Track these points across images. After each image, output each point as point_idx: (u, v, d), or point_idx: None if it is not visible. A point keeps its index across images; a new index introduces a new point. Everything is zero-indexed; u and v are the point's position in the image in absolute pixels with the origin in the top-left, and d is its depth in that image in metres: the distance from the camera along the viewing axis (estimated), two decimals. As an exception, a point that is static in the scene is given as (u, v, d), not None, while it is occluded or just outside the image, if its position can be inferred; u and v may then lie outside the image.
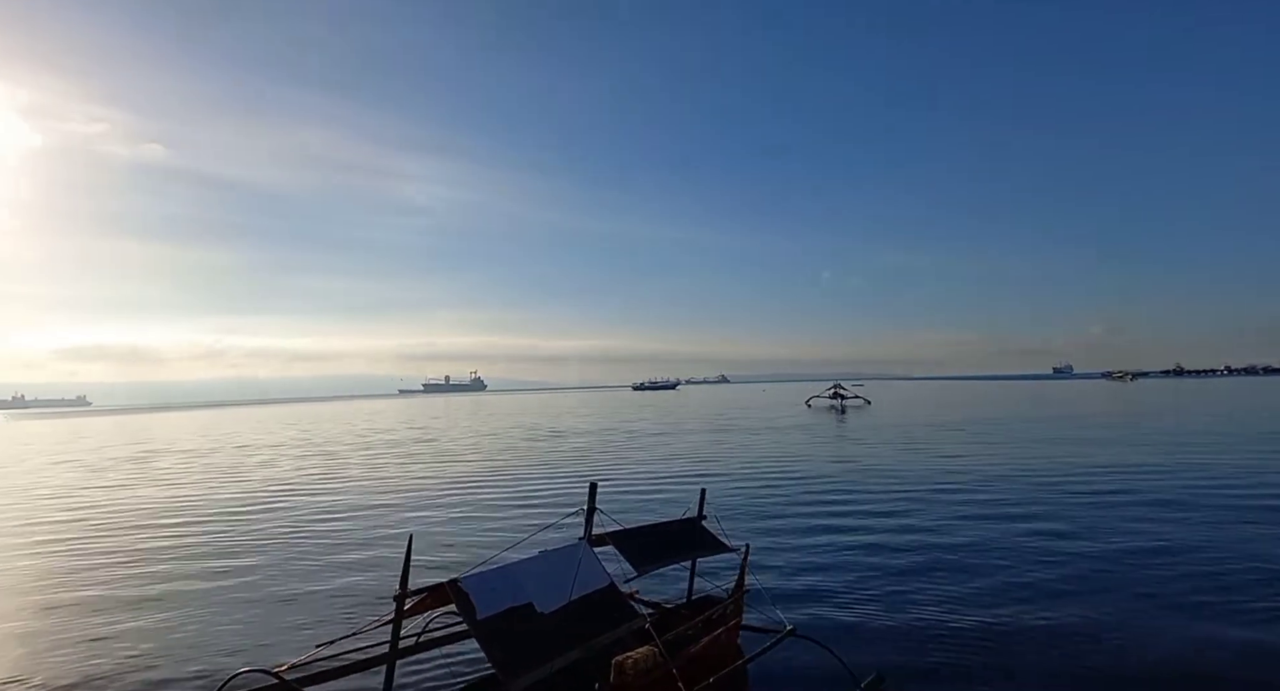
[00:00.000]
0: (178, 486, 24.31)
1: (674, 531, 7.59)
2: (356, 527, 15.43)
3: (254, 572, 11.84)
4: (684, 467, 23.78)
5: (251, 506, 19.10)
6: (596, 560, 6.33)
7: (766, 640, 6.98)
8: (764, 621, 7.71)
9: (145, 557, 13.36)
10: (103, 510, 19.58)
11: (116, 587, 11.33)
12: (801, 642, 7.02)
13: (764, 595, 8.48)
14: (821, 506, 15.73)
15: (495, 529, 14.52)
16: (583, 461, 26.86)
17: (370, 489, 21.57)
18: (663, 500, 16.95)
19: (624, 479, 21.26)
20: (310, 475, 25.92)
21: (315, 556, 12.87)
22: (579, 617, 5.67)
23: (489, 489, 20.42)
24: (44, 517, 18.72)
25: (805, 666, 7.08)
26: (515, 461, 27.85)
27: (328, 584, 10.94)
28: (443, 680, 7.09)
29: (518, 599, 5.48)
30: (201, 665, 7.87)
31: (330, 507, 18.32)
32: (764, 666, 6.95)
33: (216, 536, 15.17)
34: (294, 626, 8.99)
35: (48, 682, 7.55)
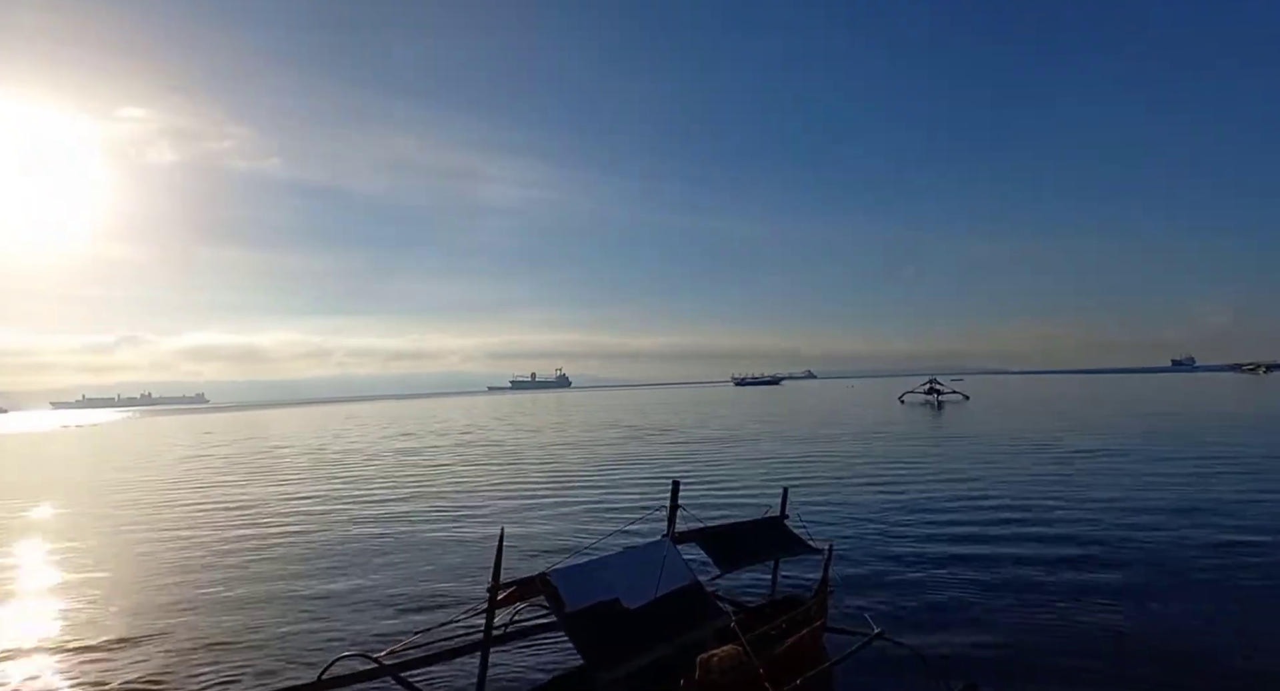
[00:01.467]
0: (293, 483, 25.78)
1: (756, 530, 7.54)
2: (452, 519, 15.99)
3: (355, 563, 12.43)
4: (769, 464, 23.49)
5: (355, 501, 20.08)
6: (680, 558, 6.34)
7: (852, 642, 6.84)
8: (850, 623, 7.55)
9: (262, 547, 14.30)
10: (214, 507, 20.96)
11: (234, 576, 12.17)
12: (889, 646, 6.84)
13: (849, 596, 8.28)
14: (912, 507, 15.24)
15: (581, 524, 14.75)
16: (668, 458, 26.91)
17: (465, 484, 22.29)
18: (745, 499, 16.79)
19: (708, 476, 21.16)
20: (411, 469, 27.01)
21: (413, 547, 13.40)
22: (664, 614, 5.71)
23: (575, 485, 20.74)
24: (174, 509, 20.27)
25: (893, 671, 6.90)
26: (598, 458, 28.19)
27: (424, 574, 11.37)
28: (532, 669, 7.27)
29: (604, 593, 5.55)
30: (305, 648, 8.33)
31: (427, 501, 19.04)
32: (850, 669, 6.81)
33: (322, 527, 16.04)
34: (392, 615, 9.38)
35: (165, 659, 8.15)
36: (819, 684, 6.23)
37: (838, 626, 7.43)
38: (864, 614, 7.46)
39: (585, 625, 5.28)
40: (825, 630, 7.34)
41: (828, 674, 6.54)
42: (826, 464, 23.09)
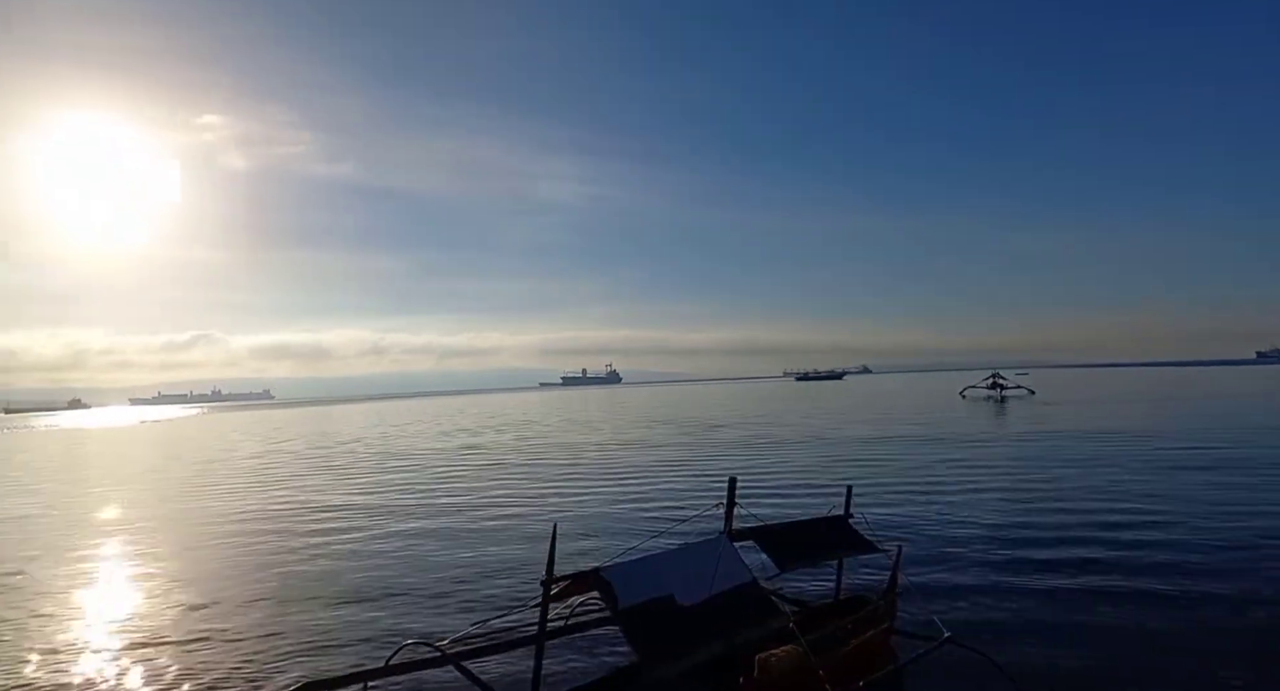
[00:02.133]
0: (359, 477, 26.48)
1: (819, 529, 7.33)
2: (509, 514, 16.15)
3: (418, 555, 12.65)
4: (830, 462, 23.07)
5: (415, 494, 20.49)
6: (737, 555, 6.23)
7: (921, 646, 6.59)
8: (917, 626, 7.27)
9: (329, 540, 14.70)
10: (285, 500, 21.61)
11: (304, 565, 12.54)
12: (959, 651, 6.54)
13: (919, 598, 7.93)
14: (982, 507, 14.68)
15: (635, 521, 14.71)
16: (724, 454, 26.71)
17: (519, 479, 22.54)
18: (805, 497, 16.47)
19: (766, 474, 20.88)
20: (468, 464, 27.46)
21: (472, 541, 13.58)
22: (720, 612, 5.61)
23: (628, 481, 20.75)
24: (248, 501, 21.00)
25: (962, 677, 6.60)
26: (651, 454, 28.15)
27: (483, 567, 11.51)
28: (587, 663, 7.28)
29: (658, 590, 5.49)
30: (371, 633, 8.54)
31: (484, 495, 19.31)
32: (918, 673, 6.56)
33: (386, 521, 16.39)
34: (453, 606, 9.52)
35: (240, 644, 8.41)
36: (885, 687, 6.02)
37: (906, 629, 7.17)
38: (934, 618, 7.14)
39: (639, 621, 5.24)
40: (893, 633, 7.09)
41: (895, 677, 6.31)
42: (890, 462, 22.51)
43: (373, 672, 6.02)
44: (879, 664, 6.24)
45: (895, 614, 7.26)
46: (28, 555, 14.44)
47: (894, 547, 7.39)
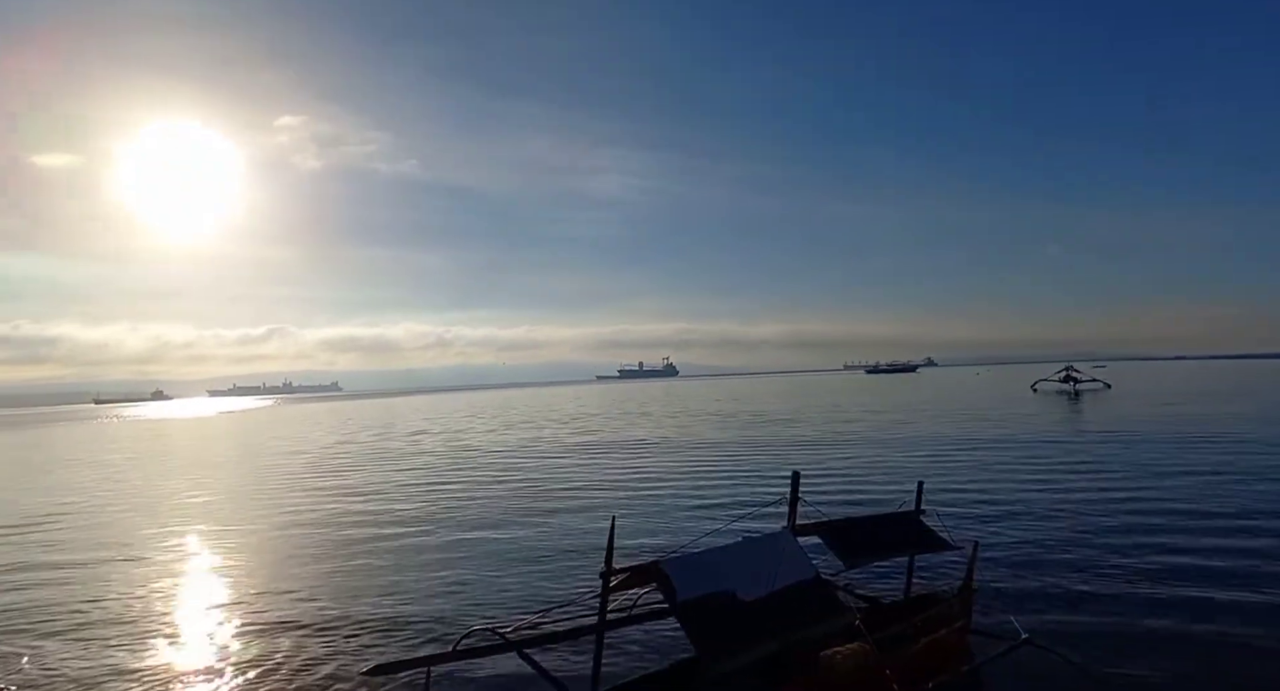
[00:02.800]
0: (427, 468, 27.14)
1: (888, 525, 7.12)
2: (571, 505, 16.30)
3: (483, 544, 12.88)
4: (899, 457, 22.47)
5: (480, 484, 20.92)
6: (801, 551, 6.13)
7: (997, 646, 6.33)
8: (993, 626, 6.97)
9: (400, 528, 15.10)
10: (358, 489, 22.27)
11: (375, 554, 12.92)
12: (1038, 654, 6.25)
13: (995, 598, 7.58)
14: (1060, 505, 14.03)
15: (695, 514, 14.64)
16: (788, 449, 26.37)
17: (579, 471, 22.74)
18: (873, 493, 16.08)
19: (831, 469, 20.47)
20: (530, 455, 27.84)
21: (535, 531, 13.75)
22: (782, 607, 5.53)
23: (688, 474, 20.69)
24: (324, 489, 21.75)
25: (1041, 680, 6.31)
26: (710, 447, 28.00)
27: (546, 557, 11.63)
28: (645, 655, 7.27)
29: (719, 584, 5.45)
30: (439, 618, 8.73)
31: (547, 486, 19.55)
32: (994, 675, 6.30)
33: (453, 510, 16.77)
34: (516, 595, 9.67)
35: (314, 629, 8.70)
36: (957, 687, 5.80)
37: (982, 629, 6.89)
38: (1011, 618, 6.82)
39: (698, 615, 5.22)
40: (968, 632, 6.83)
41: (969, 678, 6.09)
42: (963, 457, 21.74)
43: (440, 657, 6.20)
44: (951, 664, 6.03)
45: (971, 613, 6.99)
46: (128, 540, 15.27)
47: (968, 545, 7.09)
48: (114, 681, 7.43)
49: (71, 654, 8.29)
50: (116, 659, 8.04)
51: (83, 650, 8.38)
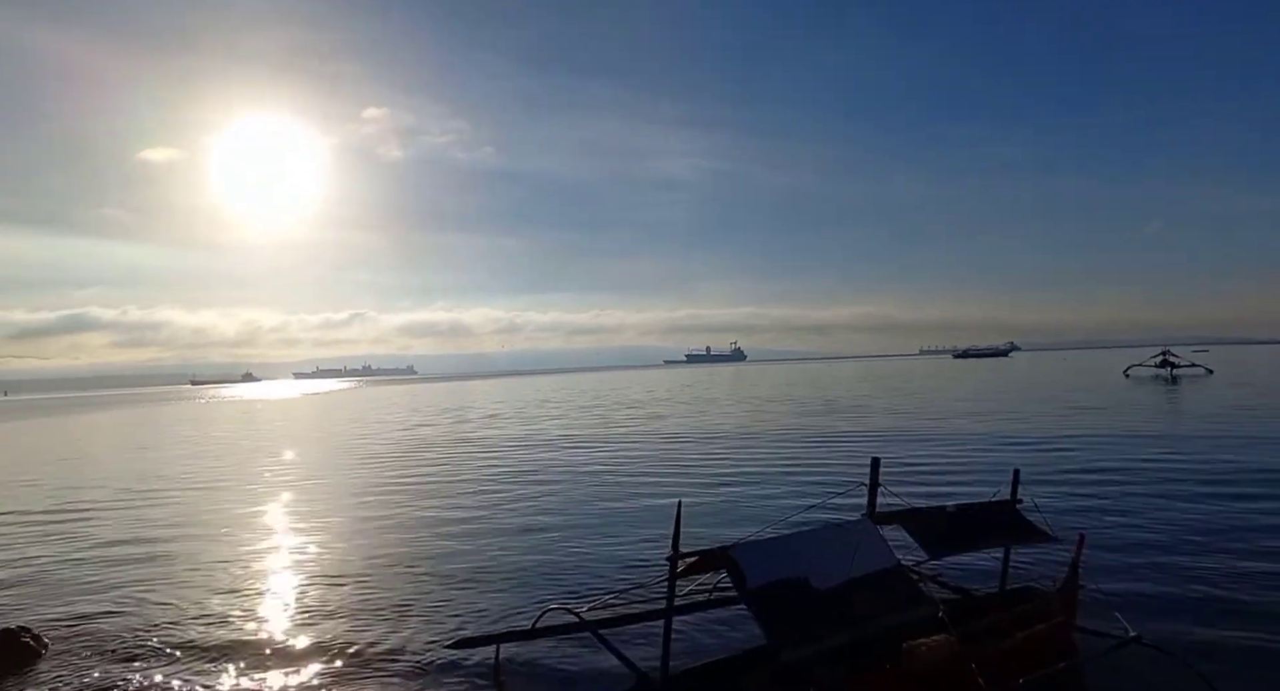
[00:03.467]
0: (503, 452, 27.73)
1: (979, 514, 6.77)
2: (642, 489, 16.33)
3: (557, 527, 13.00)
4: (989, 445, 21.45)
5: (555, 468, 21.25)
6: (881, 539, 5.95)
7: (1102, 644, 5.92)
8: (1098, 624, 6.49)
9: (479, 506, 15.42)
10: (438, 470, 22.89)
11: (457, 533, 13.24)
12: (1150, 655, 5.80)
13: (1100, 595, 7.02)
14: (1177, 501, 12.95)
15: (766, 501, 14.40)
16: (864, 436, 25.73)
17: (650, 455, 22.82)
18: (961, 483, 15.41)
19: (915, 457, 19.70)
20: (604, 441, 28.07)
21: (609, 514, 13.85)
22: (859, 596, 5.41)
23: (757, 461, 20.42)
24: (408, 469, 22.45)
25: (1149, 682, 5.86)
26: (781, 433, 27.60)
27: (619, 540, 11.68)
28: (715, 641, 7.16)
29: (791, 571, 5.36)
30: (518, 598, 8.87)
31: (619, 470, 19.70)
32: (1098, 674, 5.90)
33: (532, 493, 17.07)
34: (592, 575, 9.74)
35: (386, 596, 8.95)
36: (1056, 685, 5.46)
37: (1085, 626, 6.46)
38: (1117, 615, 6.33)
39: (768, 602, 5.16)
40: (1071, 629, 6.42)
41: (1069, 676, 5.72)
42: (1056, 447, 20.54)
43: (519, 634, 6.47)
44: (1049, 661, 5.66)
45: (1075, 609, 6.55)
46: (231, 515, 16.10)
47: (1071, 538, 6.63)
48: (199, 653, 7.79)
49: (157, 634, 8.70)
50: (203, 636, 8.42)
51: (171, 627, 8.79)
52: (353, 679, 6.81)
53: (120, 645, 7.89)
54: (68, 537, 13.77)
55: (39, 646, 7.81)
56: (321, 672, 7.00)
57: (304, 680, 6.85)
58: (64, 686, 6.93)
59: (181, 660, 7.43)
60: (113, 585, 10.29)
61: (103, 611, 9.07)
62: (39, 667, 7.38)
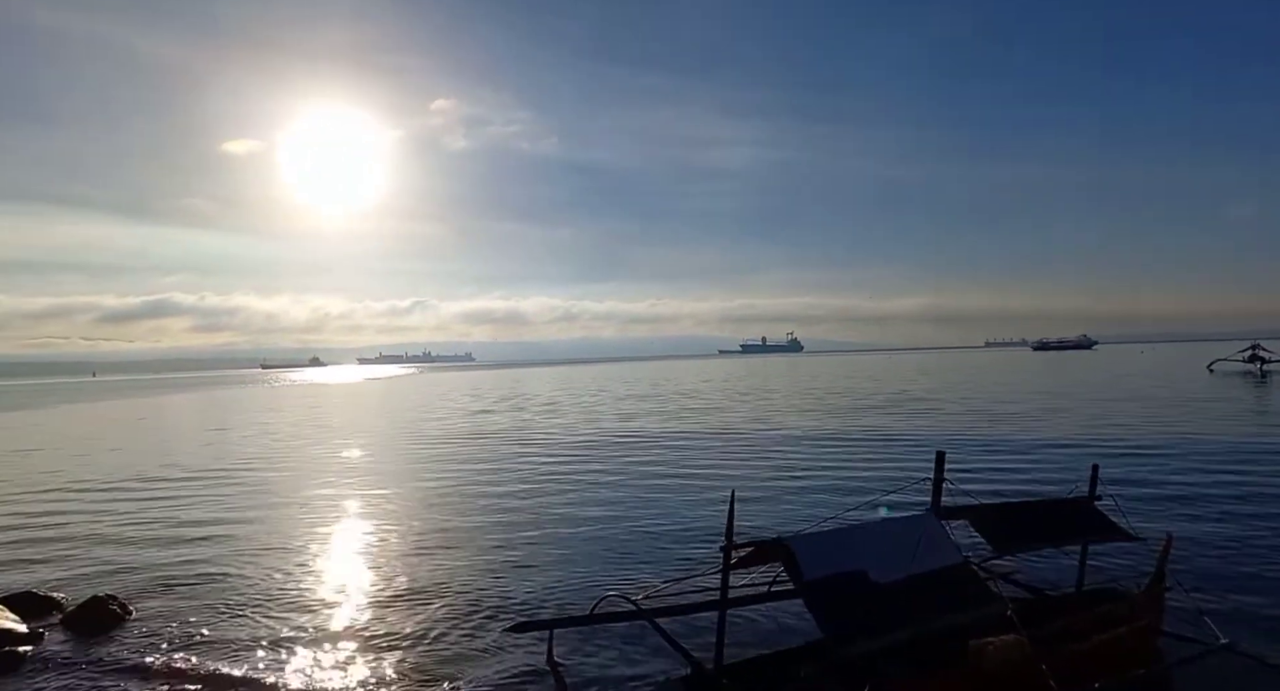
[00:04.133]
0: (564, 444, 28.04)
1: (1053, 511, 6.48)
2: (699, 479, 16.28)
3: (615, 514, 13.06)
4: (1065, 440, 20.57)
5: (610, 458, 21.34)
6: (946, 533, 5.77)
7: (1188, 650, 5.59)
8: (1184, 629, 6.14)
9: (536, 494, 15.62)
10: (492, 457, 23.25)
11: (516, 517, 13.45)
12: (1240, 663, 5.46)
13: (1186, 599, 6.62)
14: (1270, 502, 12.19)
15: (825, 493, 14.14)
16: (927, 431, 25.09)
17: (705, 446, 22.71)
18: (1033, 478, 14.89)
19: (982, 451, 19.13)
20: (659, 431, 28.09)
21: (664, 505, 13.81)
22: (921, 592, 5.26)
23: (814, 453, 20.12)
24: (468, 454, 22.94)
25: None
26: (838, 425, 27.12)
27: (673, 530, 11.65)
28: (770, 634, 7.08)
29: (849, 564, 5.25)
30: (575, 585, 8.95)
31: (674, 461, 19.67)
32: (1182, 682, 5.59)
33: (592, 481, 17.25)
34: (647, 565, 9.74)
35: (445, 578, 9.14)
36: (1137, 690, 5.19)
37: (1170, 630, 6.12)
38: (1207, 620, 5.97)
39: (825, 595, 5.06)
40: (1155, 633, 6.09)
41: (1151, 682, 5.43)
42: (1135, 443, 19.56)
43: (576, 619, 6.49)
44: (1130, 666, 5.38)
45: (1160, 612, 6.21)
46: (302, 494, 16.71)
47: (1149, 536, 6.29)
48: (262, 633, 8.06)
49: (230, 609, 9.06)
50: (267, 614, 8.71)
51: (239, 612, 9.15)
52: (412, 657, 6.97)
53: (197, 614, 8.28)
54: (152, 511, 14.49)
55: (123, 613, 8.25)
56: (381, 648, 7.19)
57: (363, 655, 7.05)
58: (146, 650, 7.30)
59: (253, 630, 7.76)
60: (192, 558, 10.80)
61: (183, 582, 9.54)
62: (123, 632, 7.81)
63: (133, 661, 7.05)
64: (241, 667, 6.83)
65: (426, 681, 6.49)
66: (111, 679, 6.70)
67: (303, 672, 6.72)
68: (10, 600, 8.38)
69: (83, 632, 7.79)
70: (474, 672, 6.64)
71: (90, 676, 6.77)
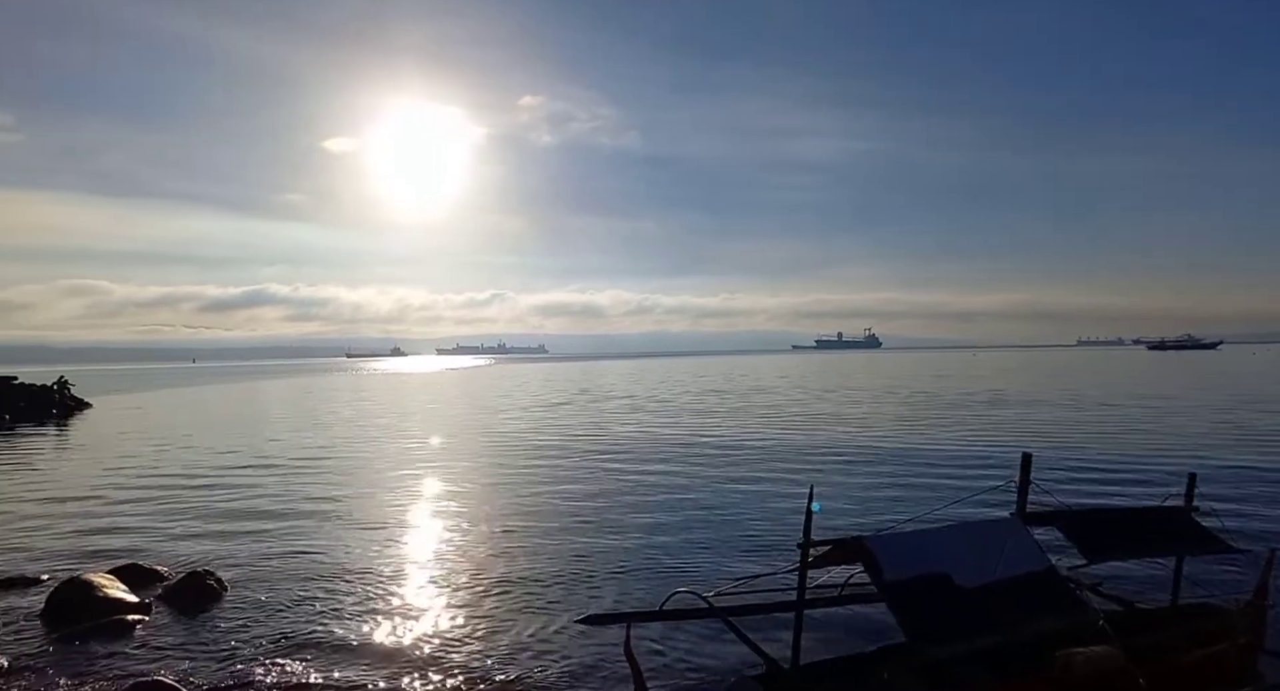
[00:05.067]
0: (634, 441, 28.25)
1: (1147, 519, 6.15)
2: (772, 476, 16.10)
3: (688, 510, 13.03)
4: (1164, 448, 19.32)
5: (685, 452, 21.39)
6: (1032, 539, 5.55)
7: None
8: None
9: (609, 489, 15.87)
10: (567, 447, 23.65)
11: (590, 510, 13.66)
12: None
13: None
14: None
15: (902, 493, 13.83)
16: (1011, 431, 24.12)
17: (780, 442, 22.51)
18: (1121, 483, 14.19)
19: (1069, 452, 18.33)
20: (732, 426, 27.98)
21: (738, 502, 13.70)
22: (1005, 598, 5.07)
23: (895, 452, 19.66)
24: (544, 443, 23.38)
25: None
26: (921, 424, 26.41)
27: (748, 527, 11.58)
28: (849, 635, 6.96)
29: (931, 567, 5.12)
30: (646, 580, 9.04)
31: (747, 457, 19.59)
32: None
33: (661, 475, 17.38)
34: (720, 562, 9.72)
35: (518, 566, 9.36)
36: None
37: (1272, 648, 5.75)
38: None
39: (908, 597, 4.95)
40: (1258, 651, 5.73)
41: None
42: (1250, 453, 18.17)
43: (646, 614, 6.50)
44: (1227, 684, 5.08)
45: (1264, 629, 5.83)
46: (388, 479, 17.44)
47: (1256, 549, 5.90)
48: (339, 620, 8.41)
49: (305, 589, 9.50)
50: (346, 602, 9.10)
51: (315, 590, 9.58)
52: (487, 642, 7.18)
53: (290, 591, 8.76)
54: (248, 491, 15.36)
55: (220, 588, 8.79)
56: (458, 634, 7.44)
57: (437, 638, 7.31)
58: (240, 624, 7.77)
59: (339, 609, 8.15)
60: (286, 536, 11.45)
61: (277, 560, 10.10)
62: (220, 607, 8.33)
63: (228, 636, 7.50)
64: (325, 647, 7.15)
65: (500, 665, 6.66)
66: (210, 651, 7.14)
67: (381, 655, 6.98)
68: (119, 571, 9.06)
69: (182, 605, 8.34)
70: (547, 661, 6.78)
71: (190, 648, 7.22)
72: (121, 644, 7.30)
